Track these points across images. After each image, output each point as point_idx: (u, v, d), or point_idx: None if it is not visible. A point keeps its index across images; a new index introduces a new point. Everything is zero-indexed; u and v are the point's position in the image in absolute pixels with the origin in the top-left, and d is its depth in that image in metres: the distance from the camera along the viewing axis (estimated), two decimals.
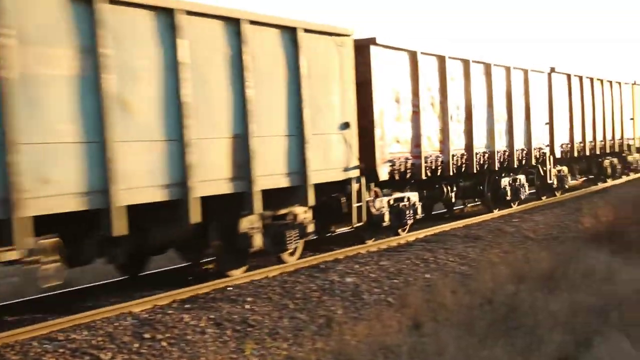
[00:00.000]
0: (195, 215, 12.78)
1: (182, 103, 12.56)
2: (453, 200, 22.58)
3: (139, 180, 11.94)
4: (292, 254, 15.84)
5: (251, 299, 12.83)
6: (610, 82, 35.26)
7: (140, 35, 12.13)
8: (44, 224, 10.82)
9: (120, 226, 11.57)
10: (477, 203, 25.87)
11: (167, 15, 12.38)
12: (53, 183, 10.68)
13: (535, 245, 18.05)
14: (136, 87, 11.97)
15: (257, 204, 14.10)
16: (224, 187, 13.47)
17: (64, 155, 10.92)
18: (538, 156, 26.54)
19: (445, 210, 25.23)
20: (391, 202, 18.70)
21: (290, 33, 15.00)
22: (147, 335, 10.73)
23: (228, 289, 13.80)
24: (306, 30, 15.36)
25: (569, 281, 13.38)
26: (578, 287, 12.87)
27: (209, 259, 16.10)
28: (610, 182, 34.02)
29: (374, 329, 10.48)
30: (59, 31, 10.97)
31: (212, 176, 13.16)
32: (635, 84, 39.17)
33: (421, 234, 20.38)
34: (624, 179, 37.55)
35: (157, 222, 12.94)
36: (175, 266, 16.36)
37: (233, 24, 13.70)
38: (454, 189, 22.10)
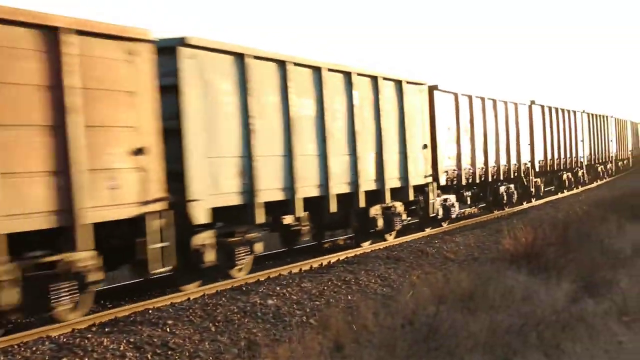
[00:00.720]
0: (362, 203, 19.79)
1: (355, 131, 19.60)
2: (468, 202, 28.30)
3: (339, 179, 18.77)
4: (389, 235, 22.04)
5: (172, 322, 11.79)
6: (569, 111, 41.49)
7: (337, 89, 19.00)
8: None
9: (333, 206, 18.55)
10: (469, 207, 30.83)
11: (348, 76, 19.36)
12: (306, 179, 17.54)
13: (456, 267, 16.78)
14: (335, 122, 18.78)
15: (387, 197, 21.08)
16: (372, 186, 20.45)
17: (310, 163, 17.78)
18: (524, 170, 33.34)
19: None
20: (441, 201, 24.62)
21: (399, 84, 21.83)
22: None
23: (149, 311, 12.72)
24: (407, 82, 22.20)
25: (488, 302, 12.42)
26: (498, 308, 11.63)
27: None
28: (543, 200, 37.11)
29: (295, 351, 9.41)
30: (308, 89, 17.91)
31: (368, 178, 20.13)
32: (584, 112, 45.64)
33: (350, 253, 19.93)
34: (575, 190, 42.32)
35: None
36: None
37: (374, 79, 20.63)
38: (469, 194, 27.91)
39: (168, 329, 11.49)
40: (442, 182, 24.70)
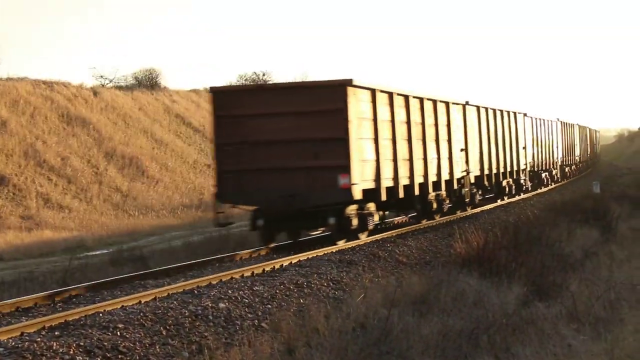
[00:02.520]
0: (506, 178, 36.88)
1: (504, 140, 36.69)
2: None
3: (506, 164, 36.86)
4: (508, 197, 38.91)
5: (122, 326, 11.71)
6: (572, 125, 59.88)
7: (498, 119, 36.15)
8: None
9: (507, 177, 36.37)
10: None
11: (501, 112, 36.65)
12: (501, 163, 36.30)
13: (408, 270, 17.18)
14: (498, 135, 35.79)
15: (514, 175, 38.16)
16: (510, 168, 38.00)
17: (501, 155, 35.92)
18: (553, 165, 51.64)
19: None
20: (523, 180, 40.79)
21: (515, 114, 39.03)
22: None
23: (99, 315, 12.58)
24: (517, 113, 39.78)
25: (440, 305, 12.85)
26: (449, 311, 12.03)
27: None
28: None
29: (246, 355, 9.69)
30: (492, 120, 35.25)
31: (508, 164, 37.49)
32: (578, 124, 62.96)
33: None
34: (564, 182, 55.81)
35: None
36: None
37: (508, 112, 37.98)
38: (526, 178, 42.14)
39: (119, 333, 11.41)
40: (528, 169, 41.70)
